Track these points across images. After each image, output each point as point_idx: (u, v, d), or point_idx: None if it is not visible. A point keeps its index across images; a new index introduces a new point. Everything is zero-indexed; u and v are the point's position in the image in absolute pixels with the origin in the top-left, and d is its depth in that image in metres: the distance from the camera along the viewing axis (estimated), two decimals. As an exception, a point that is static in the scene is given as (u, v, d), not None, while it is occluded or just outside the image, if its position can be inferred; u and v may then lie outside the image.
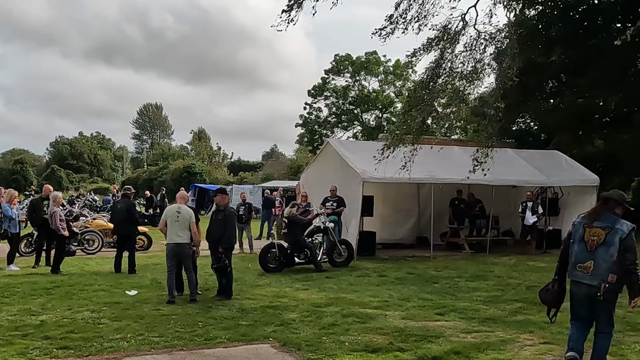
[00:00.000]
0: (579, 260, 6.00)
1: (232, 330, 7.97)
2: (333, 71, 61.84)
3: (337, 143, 20.63)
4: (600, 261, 5.84)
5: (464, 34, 12.81)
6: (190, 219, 10.04)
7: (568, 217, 19.41)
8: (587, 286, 5.92)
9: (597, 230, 5.92)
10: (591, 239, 5.93)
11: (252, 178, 58.47)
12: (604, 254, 5.83)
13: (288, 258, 13.69)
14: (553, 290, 6.37)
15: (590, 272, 5.88)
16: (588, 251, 5.93)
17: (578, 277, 6.00)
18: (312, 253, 13.83)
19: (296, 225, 13.94)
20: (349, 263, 14.52)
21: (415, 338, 7.54)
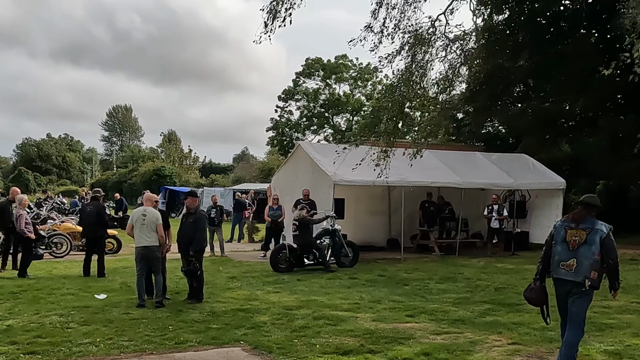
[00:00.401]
0: (562, 259, 6.34)
1: (203, 333, 7.95)
2: (304, 74, 61.92)
3: (308, 146, 20.69)
4: (582, 259, 6.19)
5: (434, 40, 12.94)
6: (156, 221, 9.96)
7: (535, 219, 19.79)
8: (571, 282, 6.26)
9: (578, 231, 6.30)
10: (573, 239, 6.30)
11: (223, 180, 58.15)
12: (586, 252, 6.18)
13: (298, 259, 14.13)
14: (536, 288, 6.65)
15: (574, 269, 6.23)
16: (570, 250, 6.28)
17: (562, 274, 6.33)
18: (322, 254, 14.28)
19: (306, 227, 14.40)
20: (355, 264, 14.94)
21: (386, 340, 7.60)
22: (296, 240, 14.44)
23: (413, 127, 15.36)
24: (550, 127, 24.66)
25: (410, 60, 12.80)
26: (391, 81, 13.35)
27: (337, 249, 14.91)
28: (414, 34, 12.81)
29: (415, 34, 12.80)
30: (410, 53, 12.79)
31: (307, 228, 14.50)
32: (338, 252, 14.91)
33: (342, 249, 14.98)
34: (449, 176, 17.86)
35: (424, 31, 12.82)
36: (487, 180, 18.63)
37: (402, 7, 12.68)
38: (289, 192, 18.16)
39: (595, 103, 23.21)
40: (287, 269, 13.94)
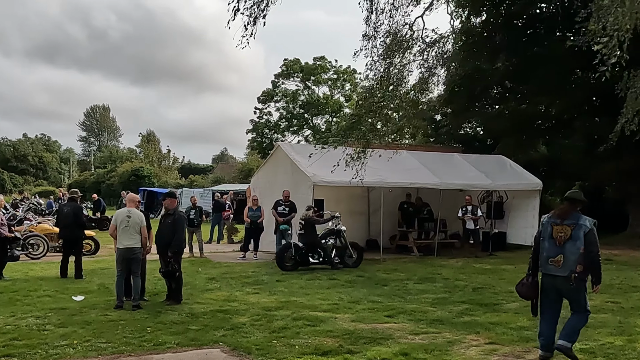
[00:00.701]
0: (550, 255, 6.64)
1: (182, 335, 7.92)
2: (283, 75, 61.88)
3: (288, 147, 20.71)
4: (568, 254, 6.50)
5: (411, 43, 13.03)
6: (141, 223, 9.91)
7: (513, 220, 20.00)
8: (559, 277, 6.57)
9: (563, 227, 6.60)
10: (559, 236, 6.60)
11: (202, 181, 57.92)
12: (571, 247, 6.49)
13: (303, 257, 14.52)
14: (527, 284, 6.88)
15: (561, 264, 6.55)
16: (557, 246, 6.59)
17: (551, 270, 6.65)
18: (327, 253, 14.67)
19: (312, 226, 14.80)
20: (359, 264, 15.14)
21: (365, 340, 7.64)
22: (302, 239, 14.81)
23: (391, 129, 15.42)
24: (527, 129, 24.94)
25: (389, 63, 12.87)
26: (370, 84, 13.39)
27: (341, 249, 15.13)
28: (392, 37, 12.88)
29: (393, 38, 12.88)
30: (388, 56, 12.86)
31: (313, 228, 14.86)
32: (342, 252, 15.14)
33: (347, 249, 15.21)
34: (428, 177, 17.98)
35: (402, 35, 12.90)
36: (465, 181, 18.79)
37: (390, 12, 12.76)
38: (268, 192, 18.15)
39: (570, 105, 23.52)
40: (293, 267, 14.34)
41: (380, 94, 12.94)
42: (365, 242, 19.71)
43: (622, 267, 15.67)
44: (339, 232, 15.15)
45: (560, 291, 6.69)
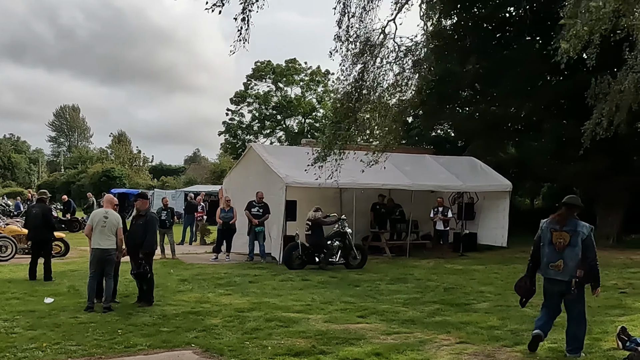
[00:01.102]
0: (550, 260, 6.97)
1: (153, 337, 7.87)
2: (255, 77, 61.70)
3: (260, 148, 20.68)
4: (568, 260, 6.83)
5: (384, 46, 13.11)
6: (117, 224, 9.80)
7: (483, 221, 20.25)
8: (560, 282, 6.91)
9: (562, 233, 6.92)
10: (558, 242, 6.92)
11: (174, 182, 57.44)
12: (570, 253, 6.83)
13: (309, 257, 15.10)
14: (526, 287, 7.33)
15: (562, 269, 6.86)
16: (557, 252, 6.92)
17: (551, 274, 6.98)
18: (329, 254, 15.17)
19: (319, 227, 15.31)
20: (362, 265, 15.47)
21: (337, 341, 7.68)
22: (308, 240, 15.33)
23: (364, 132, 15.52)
24: (497, 131, 25.24)
25: (362, 66, 12.94)
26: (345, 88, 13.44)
27: (346, 251, 15.50)
28: (365, 41, 12.95)
29: (366, 41, 12.95)
30: (361, 59, 12.92)
31: (320, 228, 15.35)
32: (347, 253, 15.50)
33: (351, 250, 15.58)
34: (400, 178, 18.11)
35: (375, 38, 12.98)
36: (437, 183, 18.96)
37: (361, 15, 12.81)
38: (240, 194, 18.10)
39: (539, 108, 23.88)
40: (299, 266, 14.90)
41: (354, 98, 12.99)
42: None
43: (589, 267, 15.94)
44: (344, 234, 15.52)
45: (562, 295, 6.99)
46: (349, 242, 15.56)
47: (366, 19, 12.81)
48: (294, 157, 17.45)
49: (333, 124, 13.48)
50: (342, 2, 12.76)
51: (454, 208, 19.91)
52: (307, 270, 14.72)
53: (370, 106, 13.51)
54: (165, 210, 17.47)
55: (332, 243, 15.37)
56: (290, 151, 21.71)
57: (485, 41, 23.94)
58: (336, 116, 13.73)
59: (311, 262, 15.11)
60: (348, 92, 13.21)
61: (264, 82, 61.94)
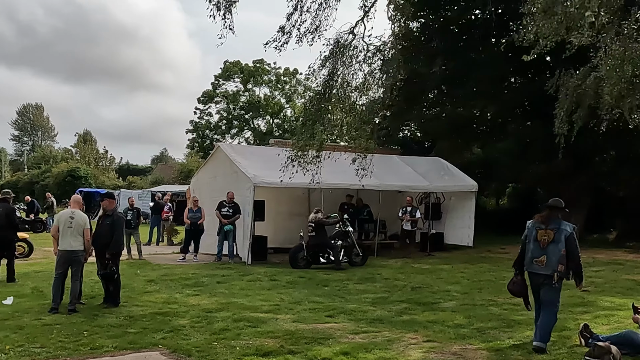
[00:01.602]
0: (534, 256, 7.47)
1: (120, 338, 7.79)
2: (223, 77, 61.36)
3: (228, 147, 20.59)
4: (551, 255, 7.33)
5: (353, 47, 13.17)
6: (84, 225, 9.65)
7: (450, 221, 20.47)
8: (543, 276, 7.39)
9: (547, 231, 7.42)
10: (543, 239, 7.42)
11: (141, 182, 56.82)
12: (553, 249, 7.32)
13: (314, 257, 15.53)
14: (518, 282, 7.75)
15: (545, 264, 7.37)
16: (541, 248, 7.42)
17: (535, 269, 7.49)
18: (335, 253, 15.49)
19: (322, 228, 15.70)
20: (364, 263, 16.01)
21: (306, 340, 7.70)
22: (312, 241, 15.63)
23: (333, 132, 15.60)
24: (463, 132, 25.56)
25: (332, 66, 12.98)
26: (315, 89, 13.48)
27: (349, 249, 15.91)
28: (334, 41, 13.00)
29: (336, 41, 13.00)
30: (331, 60, 12.97)
31: (323, 229, 15.72)
32: (350, 252, 15.92)
33: (354, 249, 16.05)
34: (367, 179, 18.15)
35: (344, 39, 13.03)
36: (404, 183, 19.12)
37: (316, 11, 12.87)
38: (208, 194, 18.01)
39: (504, 109, 24.27)
40: (305, 266, 15.25)
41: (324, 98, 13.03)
42: (306, 244, 19.82)
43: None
44: (346, 233, 15.99)
45: (539, 287, 7.47)
46: (351, 241, 16.06)
47: (321, 16, 12.86)
48: (262, 157, 17.44)
49: (304, 126, 13.48)
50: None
51: (421, 208, 20.09)
52: (275, 270, 14.71)
53: (340, 106, 13.56)
54: (132, 211, 17.28)
55: (335, 242, 15.76)
56: (258, 151, 21.67)
57: (452, 43, 24.22)
58: (307, 117, 13.74)
59: (315, 262, 15.48)
60: (318, 92, 13.24)
61: (232, 82, 61.66)
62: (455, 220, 20.25)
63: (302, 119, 15.17)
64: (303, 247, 15.57)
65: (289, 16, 12.91)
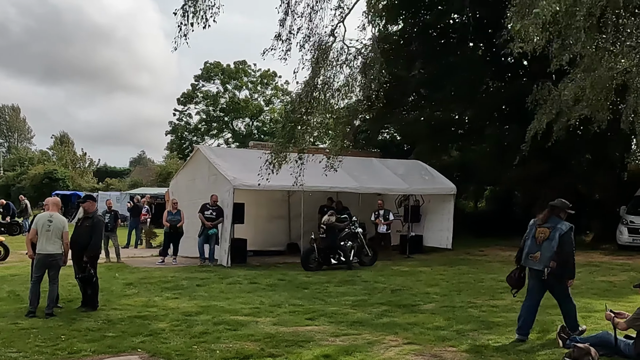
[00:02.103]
0: (530, 252, 7.95)
1: (98, 342, 7.72)
2: (203, 78, 61.13)
3: (207, 150, 20.48)
4: (544, 251, 7.75)
5: (333, 50, 13.20)
6: (63, 228, 9.53)
7: (429, 223, 20.57)
8: (536, 270, 7.87)
9: (543, 229, 7.87)
10: (540, 236, 7.86)
11: (119, 185, 56.29)
12: (547, 246, 7.74)
13: (325, 259, 15.85)
14: (515, 277, 8.30)
15: (538, 260, 7.81)
16: (536, 245, 7.86)
17: (530, 264, 7.98)
18: (346, 254, 16.02)
19: (334, 230, 16.07)
20: (374, 262, 16.52)
21: (286, 343, 7.69)
22: (324, 242, 15.96)
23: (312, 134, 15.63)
24: (441, 135, 25.74)
25: (313, 69, 12.98)
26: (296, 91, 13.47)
27: (359, 250, 16.40)
28: (316, 43, 13.00)
29: (317, 43, 13.00)
30: (312, 62, 12.97)
31: (334, 231, 16.08)
32: (360, 252, 16.43)
33: (364, 249, 16.54)
34: (347, 181, 18.23)
35: (325, 41, 13.04)
36: (383, 186, 19.18)
37: (309, 15, 12.83)
38: (187, 196, 17.93)
39: (482, 113, 24.49)
40: (317, 268, 15.55)
41: (306, 101, 13.02)
42: (286, 246, 19.82)
43: (530, 268, 16.42)
44: (356, 234, 16.44)
45: (541, 282, 7.86)
46: (361, 241, 16.52)
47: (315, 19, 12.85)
48: (242, 160, 17.38)
49: (286, 127, 13.45)
50: (287, 2, 12.78)
51: (400, 211, 20.17)
52: (255, 272, 14.67)
53: (321, 108, 13.58)
54: (109, 213, 17.12)
55: (345, 244, 16.14)
56: (238, 153, 21.60)
57: (430, 47, 24.40)
58: (288, 119, 13.72)
59: (327, 263, 15.83)
60: (300, 94, 13.23)
61: (212, 83, 61.44)
62: (434, 222, 20.37)
63: (282, 122, 15.13)
64: (314, 249, 15.84)
65: (282, 22, 12.82)
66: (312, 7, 12.77)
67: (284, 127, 13.66)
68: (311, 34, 12.89)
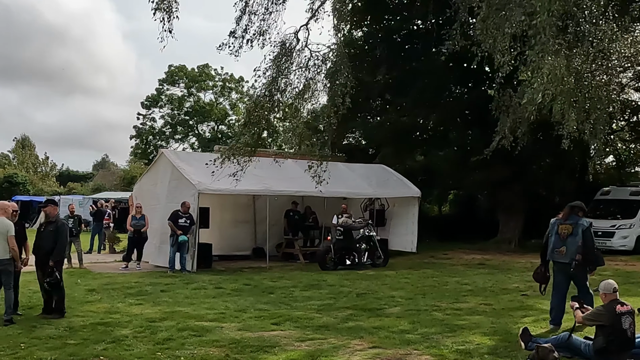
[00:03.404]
0: (555, 247, 8.91)
1: (59, 350, 7.58)
2: (167, 81, 60.51)
3: (172, 154, 20.31)
4: (569, 246, 8.72)
5: (298, 52, 13.23)
6: (7, 232, 9.24)
7: (394, 227, 20.72)
8: (562, 264, 8.80)
9: (566, 226, 8.84)
10: (563, 232, 8.83)
11: (82, 189, 55.30)
12: (572, 241, 8.71)
13: (341, 259, 16.67)
14: (541, 273, 9.28)
15: (564, 254, 8.75)
16: (561, 240, 8.83)
17: (556, 258, 8.91)
18: (359, 256, 16.93)
19: (350, 232, 16.99)
20: (386, 264, 17.39)
21: (252, 349, 7.66)
22: (340, 244, 16.80)
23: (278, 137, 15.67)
24: (406, 140, 25.97)
25: (276, 71, 12.99)
26: (258, 92, 13.45)
27: (372, 252, 17.29)
28: (279, 45, 13.03)
29: (281, 46, 13.03)
30: (275, 64, 12.98)
31: (350, 233, 17.02)
32: (373, 254, 17.30)
33: (376, 251, 17.36)
34: (312, 185, 18.17)
35: (289, 43, 13.08)
36: (349, 190, 19.26)
37: (263, 15, 12.91)
38: (151, 201, 17.72)
39: (446, 118, 24.81)
40: (332, 268, 16.34)
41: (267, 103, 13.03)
42: (251, 250, 19.75)
43: (493, 271, 16.71)
44: (370, 237, 17.25)
45: (566, 274, 8.79)
46: (374, 244, 17.32)
47: (269, 19, 12.93)
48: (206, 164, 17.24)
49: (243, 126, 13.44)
50: (244, 1, 12.87)
51: (365, 215, 20.27)
52: (220, 277, 14.59)
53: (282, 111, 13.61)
54: (72, 218, 16.83)
55: (359, 246, 17.02)
56: (203, 158, 21.31)
57: (395, 52, 24.61)
58: (249, 120, 13.68)
59: (342, 264, 16.58)
60: (261, 96, 13.22)
61: (177, 86, 60.87)
62: (399, 226, 20.52)
63: (244, 121, 15.06)
64: (331, 249, 16.55)
65: (238, 20, 12.90)
66: (266, 7, 12.87)
67: (245, 125, 13.63)
68: (264, 32, 12.95)
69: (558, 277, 8.95)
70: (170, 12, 11.65)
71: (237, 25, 12.91)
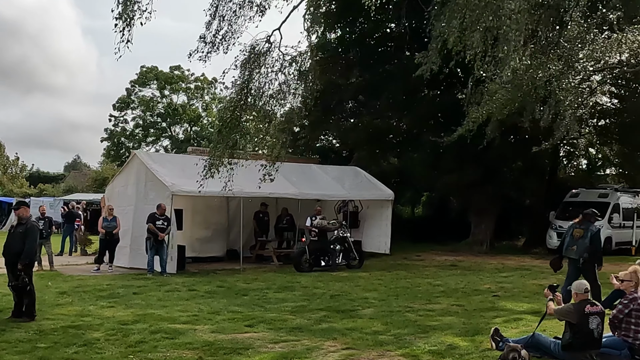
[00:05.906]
0: (569, 245, 10.90)
1: (29, 354, 7.48)
2: (139, 82, 59.89)
3: (145, 155, 20.15)
4: (579, 246, 10.70)
5: (269, 56, 13.25)
6: None
7: (368, 229, 20.82)
8: (573, 259, 10.83)
9: (579, 230, 10.83)
10: (576, 234, 10.82)
11: (53, 190, 54.50)
12: (581, 242, 10.71)
13: (315, 260, 16.77)
14: (555, 261, 11.30)
15: (575, 251, 10.73)
16: (574, 240, 10.81)
17: (568, 253, 10.92)
18: (333, 257, 16.95)
19: (325, 234, 17.13)
20: (361, 265, 17.48)
21: (225, 351, 7.65)
22: (314, 245, 16.94)
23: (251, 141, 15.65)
24: (379, 142, 26.12)
25: (248, 74, 12.99)
26: (230, 96, 13.45)
27: (347, 253, 17.34)
28: (250, 48, 13.03)
29: (252, 49, 13.03)
30: (247, 67, 12.99)
31: (325, 234, 17.14)
32: (347, 255, 17.34)
33: (351, 252, 17.44)
34: (286, 187, 18.27)
35: (261, 47, 13.09)
36: (322, 192, 19.31)
37: (231, 19, 12.90)
38: (124, 202, 17.57)
39: (418, 120, 25.00)
40: (308, 269, 16.42)
41: (239, 106, 13.02)
42: (225, 252, 19.66)
43: (465, 272, 16.90)
44: (344, 238, 17.28)
45: (576, 267, 10.71)
46: (348, 245, 17.36)
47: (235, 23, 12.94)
48: (180, 165, 17.19)
49: (220, 133, 13.39)
50: (215, 5, 12.86)
51: (339, 217, 20.34)
52: (193, 279, 14.52)
53: (255, 114, 13.61)
54: (43, 220, 16.61)
55: (334, 247, 17.01)
56: (176, 159, 21.30)
57: (368, 55, 24.76)
58: (223, 124, 13.65)
59: (317, 265, 16.71)
60: (234, 100, 13.21)
61: (148, 88, 60.30)
62: (373, 228, 20.62)
63: (218, 127, 15.02)
64: (306, 251, 16.66)
65: (208, 25, 12.87)
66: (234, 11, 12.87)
67: (220, 131, 13.60)
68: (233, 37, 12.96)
69: (570, 269, 10.90)
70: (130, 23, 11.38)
71: (206, 30, 12.89)
